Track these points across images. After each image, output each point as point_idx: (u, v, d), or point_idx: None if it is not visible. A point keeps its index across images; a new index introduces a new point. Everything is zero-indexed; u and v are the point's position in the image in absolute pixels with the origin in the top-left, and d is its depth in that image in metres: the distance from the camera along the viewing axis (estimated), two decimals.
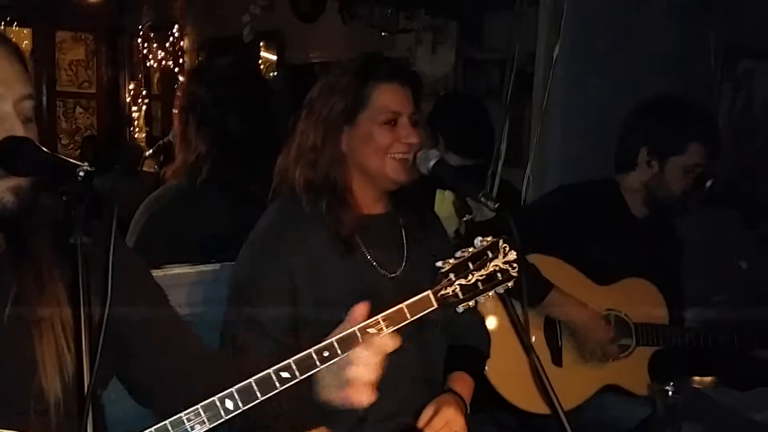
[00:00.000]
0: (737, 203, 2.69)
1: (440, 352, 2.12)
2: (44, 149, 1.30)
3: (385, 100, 1.97)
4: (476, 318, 2.24)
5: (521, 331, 1.76)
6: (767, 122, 4.00)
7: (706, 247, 3.53)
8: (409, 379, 2.01)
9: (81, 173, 1.20)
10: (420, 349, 2.00)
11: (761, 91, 3.99)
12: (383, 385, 1.45)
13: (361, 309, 1.45)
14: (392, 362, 1.73)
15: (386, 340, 1.44)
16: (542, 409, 2.15)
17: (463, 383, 2.08)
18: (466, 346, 2.17)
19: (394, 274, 2.02)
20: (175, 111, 2.61)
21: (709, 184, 2.62)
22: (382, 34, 5.67)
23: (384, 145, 1.96)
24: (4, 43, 1.39)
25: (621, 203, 2.76)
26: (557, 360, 2.59)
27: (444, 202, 2.79)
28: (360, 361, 1.42)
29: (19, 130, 1.32)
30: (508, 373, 2.43)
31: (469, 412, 2.04)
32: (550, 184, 3.23)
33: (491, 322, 2.45)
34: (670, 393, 2.07)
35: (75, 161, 1.24)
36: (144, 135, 9.75)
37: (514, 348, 2.26)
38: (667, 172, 2.66)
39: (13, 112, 1.33)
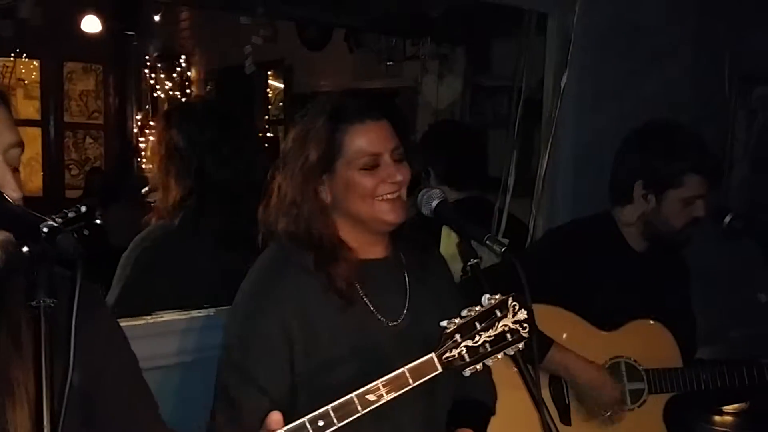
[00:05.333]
0: (759, 239, 2.51)
1: (446, 402, 1.99)
2: (8, 200, 1.21)
3: (359, 143, 1.82)
4: (483, 369, 2.10)
5: (532, 388, 1.62)
6: None
7: (722, 279, 3.40)
8: (413, 428, 1.88)
9: (45, 229, 1.10)
10: (425, 396, 1.87)
11: None
12: None
13: (275, 416, 1.35)
14: (396, 410, 1.63)
15: None
16: None
17: None
18: (471, 401, 2.03)
19: (395, 323, 1.89)
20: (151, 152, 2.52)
21: (728, 219, 2.46)
22: (388, 63, 5.61)
23: (369, 190, 1.82)
24: None
25: (619, 238, 2.57)
26: (566, 419, 2.42)
27: (450, 239, 2.67)
28: None
29: (10, 181, 1.27)
30: None
31: None
32: (561, 217, 3.12)
33: None
34: None
35: (39, 215, 1.14)
36: (152, 166, 9.69)
37: (515, 406, 2.07)
38: (665, 206, 2.47)
39: (3, 161, 1.27)
